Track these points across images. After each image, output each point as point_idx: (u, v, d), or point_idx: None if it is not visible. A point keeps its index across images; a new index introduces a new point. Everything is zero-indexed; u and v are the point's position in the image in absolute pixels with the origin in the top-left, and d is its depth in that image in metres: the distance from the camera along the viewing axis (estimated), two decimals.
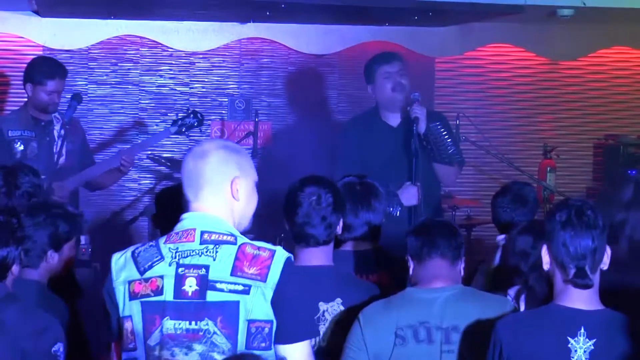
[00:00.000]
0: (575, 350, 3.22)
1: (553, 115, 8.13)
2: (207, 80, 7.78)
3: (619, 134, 7.87)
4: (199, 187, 3.14)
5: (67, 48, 7.48)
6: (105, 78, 7.66)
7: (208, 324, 3.01)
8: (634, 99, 8.14)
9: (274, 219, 4.25)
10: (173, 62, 7.73)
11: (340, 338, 3.68)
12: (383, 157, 5.76)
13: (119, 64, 7.68)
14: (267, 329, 3.01)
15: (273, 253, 3.06)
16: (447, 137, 5.71)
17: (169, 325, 3.03)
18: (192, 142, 7.57)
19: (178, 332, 3.02)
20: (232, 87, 7.83)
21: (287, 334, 3.04)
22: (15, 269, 3.44)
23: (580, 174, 8.11)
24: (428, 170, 5.74)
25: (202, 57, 7.74)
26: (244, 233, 3.19)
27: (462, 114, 7.02)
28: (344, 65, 7.83)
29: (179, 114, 6.56)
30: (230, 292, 3.01)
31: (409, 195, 5.53)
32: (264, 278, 3.02)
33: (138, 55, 7.69)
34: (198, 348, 3.01)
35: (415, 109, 5.65)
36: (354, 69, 7.28)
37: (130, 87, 7.69)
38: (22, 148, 6.02)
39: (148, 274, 3.06)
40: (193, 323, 3.02)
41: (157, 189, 7.59)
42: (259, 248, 3.07)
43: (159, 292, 3.04)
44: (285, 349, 3.04)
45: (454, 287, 3.68)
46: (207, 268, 3.03)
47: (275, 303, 3.01)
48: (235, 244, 3.06)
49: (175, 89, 7.75)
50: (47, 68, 6.04)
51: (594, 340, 3.21)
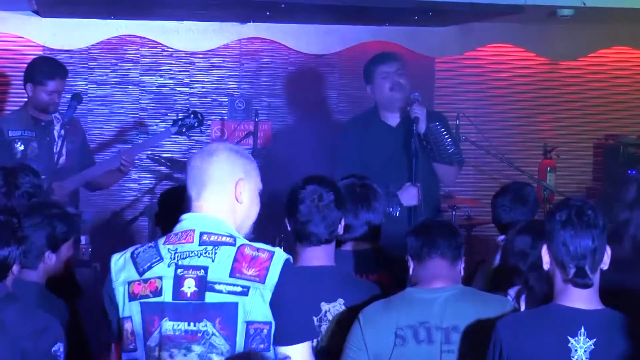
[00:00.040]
0: (576, 350, 3.22)
1: (553, 115, 8.12)
2: (207, 80, 7.78)
3: (619, 134, 7.86)
4: (203, 184, 3.13)
5: (67, 48, 7.47)
6: (105, 78, 7.66)
7: (207, 325, 3.01)
8: (634, 99, 8.14)
9: (274, 220, 4.24)
10: (173, 62, 7.72)
11: (341, 338, 3.68)
12: (383, 157, 5.76)
13: (119, 64, 7.67)
14: (265, 331, 3.01)
15: (272, 254, 3.06)
16: (447, 136, 5.72)
17: (168, 327, 3.03)
18: (192, 142, 7.59)
19: (177, 333, 3.02)
20: (232, 87, 7.82)
21: (286, 336, 3.04)
22: (16, 269, 3.44)
23: (580, 174, 8.11)
24: (428, 171, 5.74)
25: (202, 57, 7.73)
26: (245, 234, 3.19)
27: (462, 114, 7.02)
28: (344, 65, 7.83)
29: (180, 114, 6.55)
30: (229, 293, 3.00)
31: (409, 196, 5.53)
32: (263, 279, 3.01)
33: (138, 55, 7.69)
34: (197, 349, 3.01)
35: (415, 109, 5.66)
36: (354, 69, 7.27)
37: (130, 87, 7.69)
38: (22, 148, 6.02)
39: (147, 275, 3.05)
40: (192, 324, 3.02)
41: (157, 189, 7.58)
42: (258, 249, 3.07)
43: (158, 293, 3.04)
44: (285, 351, 3.03)
45: (454, 287, 3.68)
46: (205, 269, 3.03)
47: (274, 305, 3.01)
48: (234, 245, 3.06)
49: (175, 89, 7.74)
50: (47, 68, 6.03)
51: (594, 340, 3.21)
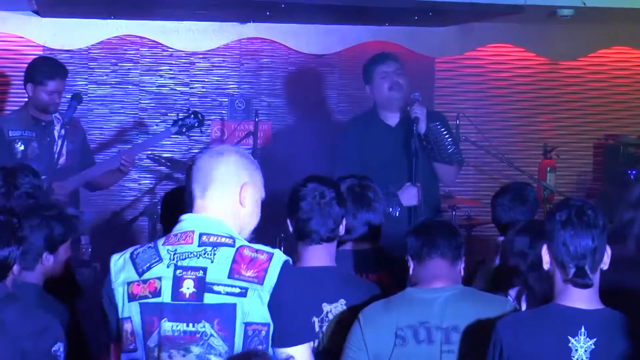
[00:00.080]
0: (576, 350, 3.22)
1: (553, 115, 8.12)
2: (207, 80, 7.78)
3: (619, 134, 7.86)
4: (208, 183, 3.13)
5: (67, 48, 7.47)
6: (105, 78, 7.66)
7: (205, 326, 3.01)
8: (634, 99, 8.14)
9: (274, 220, 4.24)
10: (173, 62, 7.72)
11: (341, 338, 3.68)
12: (382, 157, 5.76)
13: (119, 64, 7.67)
14: (264, 332, 3.01)
15: (271, 256, 3.05)
16: (447, 136, 5.72)
17: (167, 327, 3.03)
18: (192, 142, 7.59)
19: (175, 334, 3.02)
20: (232, 87, 7.82)
21: (284, 337, 3.03)
22: (16, 269, 3.44)
23: (580, 174, 8.11)
24: (428, 171, 5.74)
25: (202, 57, 7.73)
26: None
27: (462, 114, 7.02)
28: (344, 65, 7.83)
29: (180, 114, 6.55)
30: (227, 294, 3.00)
31: (409, 196, 5.53)
32: (261, 281, 3.01)
33: (138, 55, 7.69)
34: (195, 350, 3.01)
35: (416, 109, 5.66)
36: (354, 69, 7.27)
37: (130, 87, 7.69)
38: (22, 148, 6.02)
39: (146, 276, 3.05)
40: (190, 325, 3.02)
41: (157, 189, 7.59)
42: (257, 251, 3.06)
43: (157, 293, 3.03)
44: (284, 353, 3.03)
45: (454, 287, 3.68)
46: (204, 270, 3.02)
47: (272, 306, 3.01)
48: (233, 247, 3.06)
49: (175, 89, 7.74)
50: (47, 68, 6.04)
51: (595, 340, 3.21)
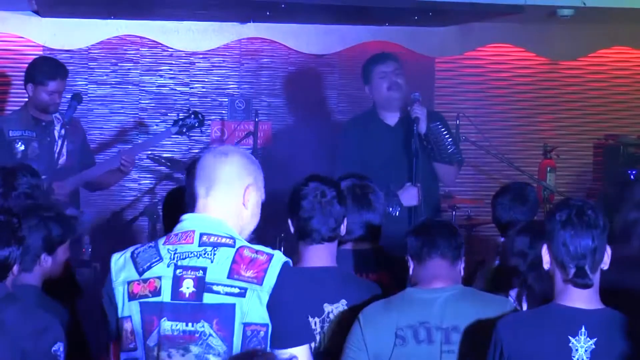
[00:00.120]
0: (577, 350, 3.22)
1: (553, 115, 8.12)
2: (207, 80, 7.78)
3: (619, 134, 7.86)
4: (212, 184, 3.13)
5: (67, 48, 7.47)
6: (105, 78, 7.66)
7: (204, 326, 3.01)
8: (634, 99, 8.14)
9: (275, 220, 4.24)
10: (173, 62, 7.72)
11: (343, 338, 3.67)
12: (382, 156, 5.76)
13: (119, 64, 7.67)
14: (262, 333, 3.01)
15: (271, 257, 3.06)
16: (447, 136, 5.72)
17: (166, 327, 3.03)
18: (192, 142, 7.59)
19: (175, 333, 3.02)
20: (232, 87, 7.82)
21: (283, 339, 3.03)
22: (16, 269, 3.44)
23: (580, 174, 8.10)
24: (427, 170, 5.74)
25: (202, 57, 7.73)
26: None
27: (462, 114, 7.02)
28: (344, 65, 7.83)
29: (180, 115, 6.54)
30: (227, 294, 3.00)
31: (409, 196, 5.54)
32: (260, 281, 3.01)
33: (138, 55, 7.68)
34: (194, 350, 3.01)
35: (416, 109, 5.66)
36: (354, 69, 7.26)
37: (130, 87, 7.69)
38: (22, 148, 6.02)
39: (146, 275, 3.06)
40: (190, 325, 3.02)
41: (157, 189, 7.59)
42: (257, 252, 3.07)
43: (157, 293, 3.04)
44: (286, 353, 3.02)
45: (454, 287, 3.68)
46: (204, 270, 3.03)
47: (271, 307, 3.01)
48: (234, 247, 3.06)
49: (175, 89, 7.74)
50: (48, 68, 6.04)
51: (595, 340, 3.21)
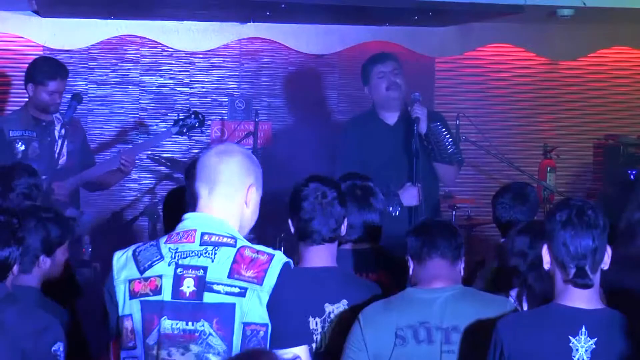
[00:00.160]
0: (577, 349, 3.22)
1: (553, 115, 8.12)
2: (207, 80, 7.78)
3: (619, 134, 7.86)
4: (215, 184, 3.13)
5: (67, 48, 7.47)
6: (105, 78, 7.66)
7: (204, 325, 3.01)
8: (634, 99, 8.14)
9: (275, 219, 4.24)
10: (173, 62, 7.72)
11: (344, 338, 3.67)
12: (382, 156, 5.76)
13: (119, 64, 7.67)
14: (262, 332, 3.01)
15: (271, 257, 3.06)
16: (447, 136, 5.72)
17: (167, 325, 3.04)
18: (192, 142, 7.58)
19: (175, 332, 3.03)
20: (232, 87, 7.82)
21: (283, 339, 3.04)
22: (16, 269, 3.44)
23: (580, 174, 8.11)
24: (427, 170, 5.74)
25: (202, 57, 7.73)
26: (245, 234, 3.19)
27: (462, 114, 7.02)
28: (344, 65, 7.83)
29: (181, 115, 6.54)
30: (227, 294, 3.01)
31: (410, 196, 5.54)
32: (261, 281, 3.02)
33: (138, 55, 7.68)
34: (194, 349, 3.02)
35: (416, 109, 5.66)
36: (354, 69, 7.25)
37: (130, 87, 7.69)
38: (23, 148, 6.02)
39: (148, 274, 3.06)
40: (190, 324, 3.03)
41: (157, 189, 7.58)
42: (258, 252, 3.07)
43: (158, 291, 3.04)
44: (289, 353, 3.03)
45: (454, 287, 3.68)
46: (205, 269, 3.03)
47: (271, 307, 3.01)
48: (235, 247, 3.06)
49: (176, 89, 7.74)
50: (48, 68, 6.03)
51: (596, 339, 3.21)
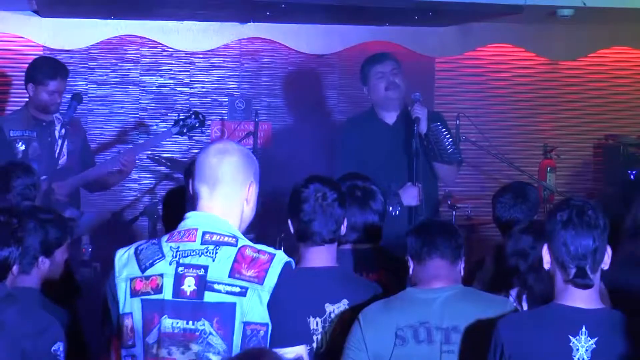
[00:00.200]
0: (577, 349, 3.22)
1: (553, 115, 8.12)
2: (207, 80, 7.78)
3: (619, 134, 7.86)
4: (216, 183, 3.13)
5: (67, 48, 7.46)
6: (105, 78, 7.65)
7: (204, 324, 3.02)
8: (634, 99, 8.14)
9: (275, 219, 4.24)
10: (173, 62, 7.72)
11: (344, 338, 3.67)
12: (382, 155, 5.76)
13: (119, 64, 7.67)
14: (262, 332, 3.02)
15: (272, 257, 3.06)
16: (447, 136, 5.72)
17: (167, 324, 3.04)
18: (192, 142, 7.58)
19: (175, 331, 3.03)
20: (232, 87, 7.82)
21: (283, 338, 3.04)
22: (16, 269, 3.44)
23: (580, 174, 8.11)
24: (427, 170, 5.74)
25: (202, 57, 7.73)
26: (245, 234, 3.19)
27: (462, 114, 7.01)
28: (344, 65, 7.82)
29: (181, 115, 6.53)
30: (227, 293, 3.01)
31: (410, 196, 5.54)
32: (261, 281, 3.02)
33: (138, 55, 7.68)
34: (194, 348, 3.02)
35: (417, 110, 5.66)
36: (354, 69, 7.24)
37: (131, 87, 7.68)
38: (23, 148, 6.02)
39: (149, 272, 3.07)
40: (190, 323, 3.03)
41: (157, 189, 7.58)
42: (259, 251, 3.07)
43: (159, 290, 3.05)
44: (292, 352, 3.03)
45: (454, 287, 3.68)
46: (206, 268, 3.04)
47: (272, 306, 3.01)
48: (236, 246, 3.07)
49: (176, 89, 7.74)
50: (48, 68, 6.03)
51: (596, 339, 3.21)
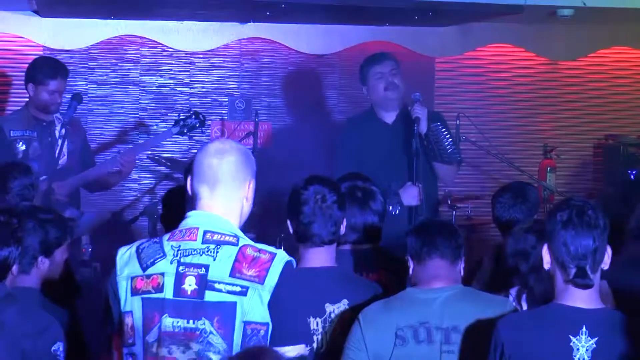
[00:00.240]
0: (578, 349, 3.22)
1: (553, 115, 8.12)
2: (207, 80, 7.77)
3: (619, 134, 7.86)
4: (217, 183, 3.14)
5: (67, 48, 7.46)
6: (105, 78, 7.65)
7: (205, 324, 3.02)
8: (634, 99, 8.14)
9: (275, 219, 4.24)
10: (173, 62, 7.72)
11: (344, 338, 3.67)
12: (382, 154, 5.76)
13: (119, 64, 7.67)
14: (262, 331, 3.03)
15: (273, 256, 3.07)
16: (447, 136, 5.73)
17: (168, 323, 3.05)
18: (192, 142, 7.58)
19: (176, 330, 3.04)
20: (232, 87, 7.82)
21: (283, 337, 3.04)
22: (15, 269, 3.44)
23: (580, 174, 8.11)
24: (427, 170, 5.74)
25: (202, 57, 7.72)
26: (245, 233, 3.19)
27: (462, 114, 7.01)
28: (344, 65, 7.82)
29: (181, 115, 6.52)
30: (228, 292, 3.02)
31: (410, 196, 5.54)
32: (262, 280, 3.03)
33: (138, 55, 7.68)
34: (195, 347, 3.03)
35: (417, 110, 5.66)
36: (354, 69, 7.22)
37: (131, 87, 7.68)
38: (23, 148, 6.02)
39: (150, 271, 3.08)
40: (191, 322, 3.04)
41: (157, 189, 7.58)
42: (260, 250, 3.08)
43: (160, 289, 3.06)
44: (293, 351, 3.04)
45: (454, 287, 3.68)
46: (206, 268, 3.04)
47: (272, 306, 3.02)
48: (237, 245, 3.07)
49: (176, 89, 7.74)
50: (48, 68, 6.03)
51: (596, 339, 3.21)
